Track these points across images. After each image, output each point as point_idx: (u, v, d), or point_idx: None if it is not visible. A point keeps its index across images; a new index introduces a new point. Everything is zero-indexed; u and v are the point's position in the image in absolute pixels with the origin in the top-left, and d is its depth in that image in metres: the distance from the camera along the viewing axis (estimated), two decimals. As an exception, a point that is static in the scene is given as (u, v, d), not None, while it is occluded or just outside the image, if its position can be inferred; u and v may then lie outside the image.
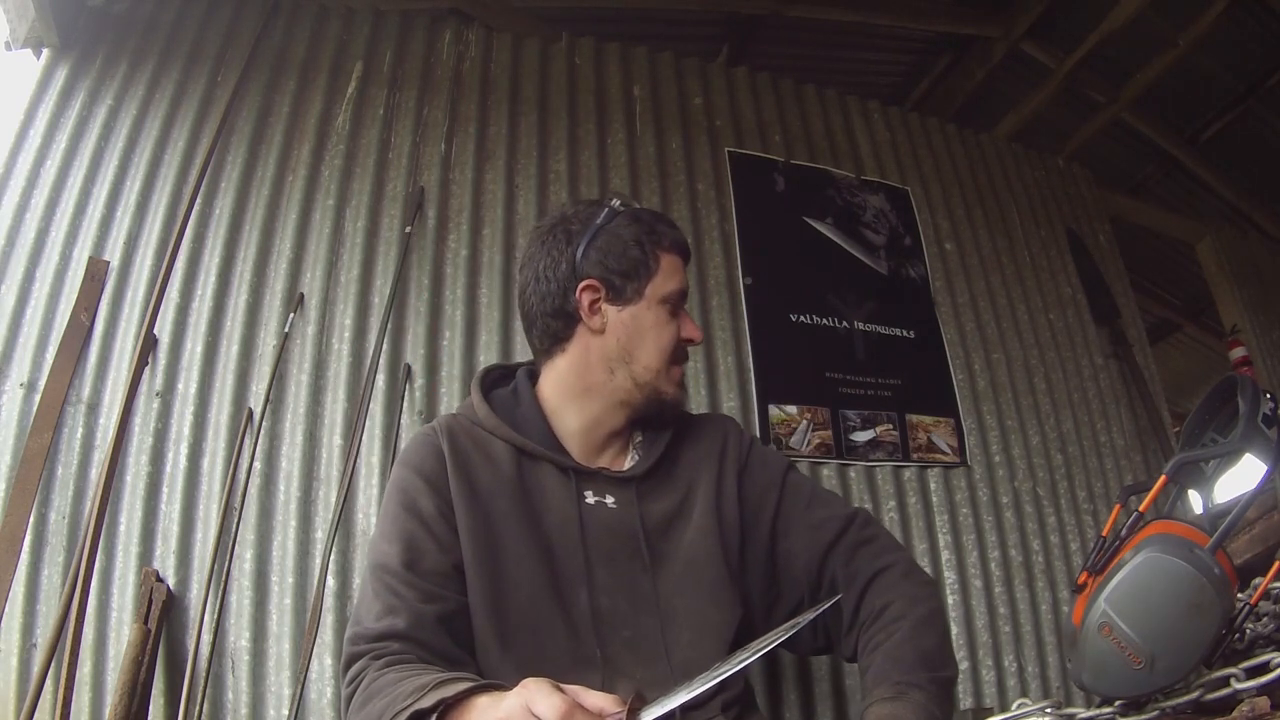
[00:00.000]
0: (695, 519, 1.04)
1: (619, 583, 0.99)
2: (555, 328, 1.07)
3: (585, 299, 1.05)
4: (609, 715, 0.65)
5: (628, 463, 1.09)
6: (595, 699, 0.66)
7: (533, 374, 1.13)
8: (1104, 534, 0.90)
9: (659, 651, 0.96)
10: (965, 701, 1.92)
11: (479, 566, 0.95)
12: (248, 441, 1.64)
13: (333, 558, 1.58)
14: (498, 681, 0.77)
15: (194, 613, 1.50)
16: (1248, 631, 0.91)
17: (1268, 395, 0.92)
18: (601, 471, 1.05)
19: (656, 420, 1.10)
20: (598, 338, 1.06)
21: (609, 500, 1.03)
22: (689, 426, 1.15)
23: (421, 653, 0.88)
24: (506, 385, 1.14)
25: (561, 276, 1.06)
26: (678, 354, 1.09)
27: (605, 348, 1.06)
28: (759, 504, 1.09)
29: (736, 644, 1.02)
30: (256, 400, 1.68)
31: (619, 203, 1.10)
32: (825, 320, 2.22)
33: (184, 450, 1.62)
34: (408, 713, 0.74)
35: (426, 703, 0.73)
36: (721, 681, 0.99)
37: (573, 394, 1.07)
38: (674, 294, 1.08)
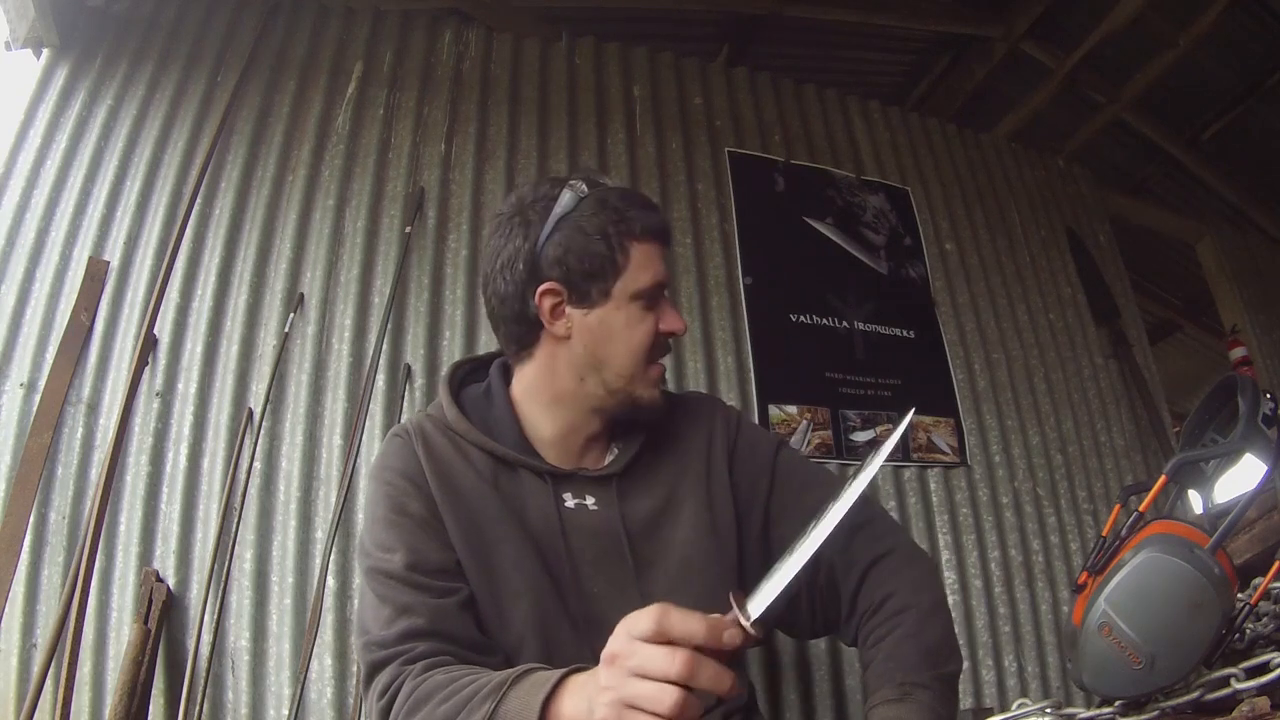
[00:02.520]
0: (686, 516, 1.00)
1: (607, 589, 0.94)
2: (518, 333, 0.98)
3: (546, 304, 0.95)
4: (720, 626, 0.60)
5: (607, 458, 1.02)
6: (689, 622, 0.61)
7: (507, 368, 1.04)
8: (1104, 534, 0.90)
9: None
10: (965, 701, 1.92)
11: (475, 572, 0.91)
12: (248, 441, 1.64)
13: (333, 558, 1.58)
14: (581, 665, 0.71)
15: (194, 613, 1.50)
16: (1248, 631, 0.91)
17: (1268, 395, 0.92)
18: (579, 472, 0.99)
19: (632, 423, 1.03)
20: (564, 344, 0.96)
21: (589, 502, 0.98)
22: (670, 409, 1.07)
23: (451, 648, 0.83)
24: (479, 381, 1.06)
25: (519, 278, 0.94)
26: (655, 351, 0.98)
27: (572, 355, 0.96)
28: (752, 488, 1.04)
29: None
30: (256, 400, 1.68)
31: (583, 185, 0.96)
32: (825, 320, 2.22)
33: (184, 450, 1.63)
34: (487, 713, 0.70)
35: (513, 704, 0.69)
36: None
37: (542, 403, 0.99)
38: (648, 288, 0.96)
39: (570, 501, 0.97)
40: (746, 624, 0.60)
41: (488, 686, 0.73)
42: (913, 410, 0.70)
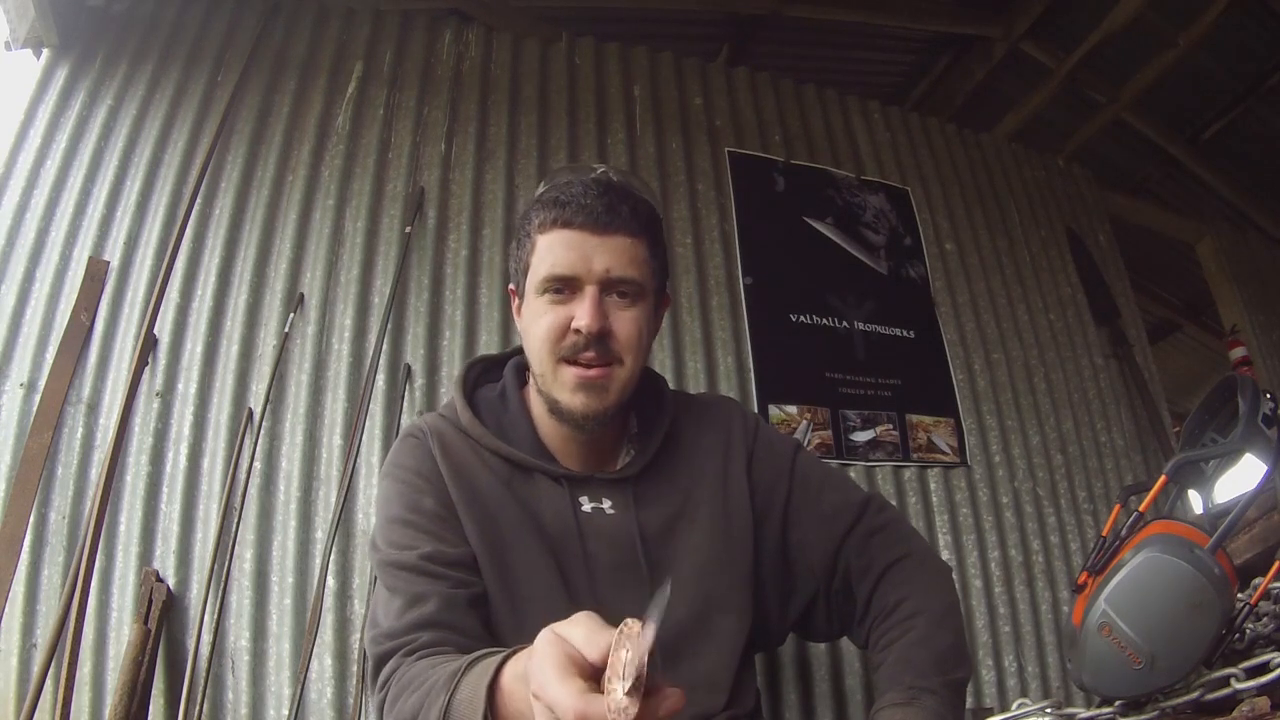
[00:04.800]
0: (701, 521, 0.99)
1: (619, 595, 0.92)
2: None
3: (514, 305, 1.01)
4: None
5: (622, 460, 1.01)
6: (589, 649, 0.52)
7: (521, 368, 1.04)
8: (1104, 534, 0.90)
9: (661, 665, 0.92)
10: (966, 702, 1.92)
11: (491, 572, 0.90)
12: (248, 441, 1.64)
13: (333, 558, 1.58)
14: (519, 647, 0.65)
15: (194, 613, 1.50)
16: (1248, 631, 0.91)
17: (1268, 395, 0.92)
18: (595, 476, 0.98)
19: (646, 424, 1.01)
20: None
21: (606, 506, 0.96)
22: (688, 411, 1.07)
23: (456, 638, 0.82)
24: (494, 381, 1.05)
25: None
26: (564, 348, 0.91)
27: (526, 356, 0.98)
28: (769, 493, 1.03)
29: (747, 651, 0.99)
30: (256, 400, 1.68)
31: (542, 188, 0.98)
32: (825, 320, 2.22)
33: (184, 450, 1.62)
34: (442, 707, 0.68)
35: (464, 694, 0.67)
36: (732, 696, 0.95)
37: (534, 402, 0.99)
38: (543, 279, 0.91)
39: (587, 505, 0.96)
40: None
41: (445, 675, 0.71)
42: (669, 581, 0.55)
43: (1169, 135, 3.26)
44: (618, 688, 0.48)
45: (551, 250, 0.91)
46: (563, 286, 0.91)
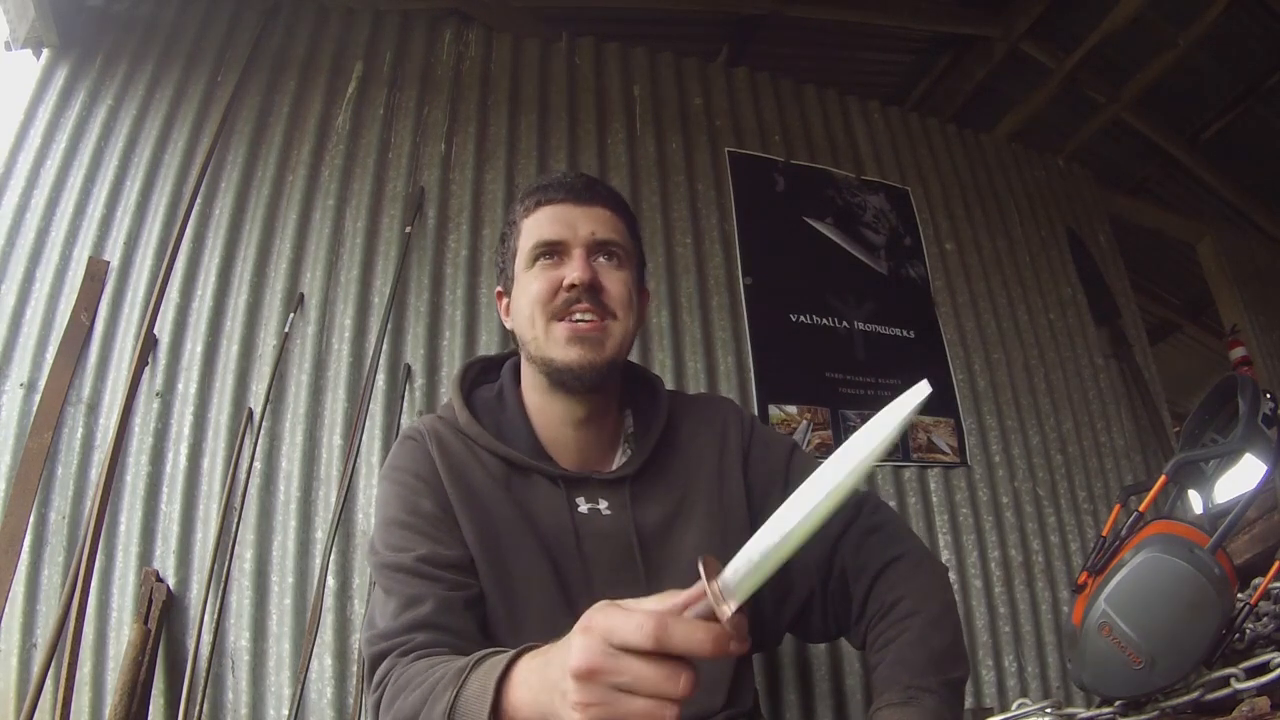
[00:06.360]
0: (698, 521, 0.99)
1: (617, 595, 0.90)
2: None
3: (501, 306, 1.04)
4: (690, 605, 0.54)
5: (618, 459, 1.02)
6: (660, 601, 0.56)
7: (518, 369, 1.05)
8: (1104, 534, 0.90)
9: None
10: (965, 702, 1.92)
11: (488, 573, 0.91)
12: (248, 441, 1.64)
13: (333, 558, 1.58)
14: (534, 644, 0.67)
15: (194, 613, 1.50)
16: (1248, 631, 0.91)
17: (1268, 395, 0.92)
18: (592, 476, 0.98)
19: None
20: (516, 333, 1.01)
21: (602, 506, 0.97)
22: (684, 411, 1.07)
23: (451, 640, 0.83)
24: (491, 382, 1.06)
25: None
26: (555, 307, 0.94)
27: (518, 339, 1.00)
28: (765, 492, 1.03)
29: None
30: (256, 400, 1.68)
31: (521, 194, 1.04)
32: (825, 320, 2.22)
33: (184, 450, 1.63)
34: (449, 704, 0.69)
35: (473, 689, 0.67)
36: (730, 695, 0.95)
37: (533, 397, 1.01)
38: (531, 247, 0.96)
39: (583, 506, 0.96)
40: (728, 625, 0.54)
41: (451, 672, 0.72)
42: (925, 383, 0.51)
43: (1169, 135, 3.25)
44: (726, 609, 0.53)
45: (538, 224, 0.97)
46: (551, 251, 0.96)
